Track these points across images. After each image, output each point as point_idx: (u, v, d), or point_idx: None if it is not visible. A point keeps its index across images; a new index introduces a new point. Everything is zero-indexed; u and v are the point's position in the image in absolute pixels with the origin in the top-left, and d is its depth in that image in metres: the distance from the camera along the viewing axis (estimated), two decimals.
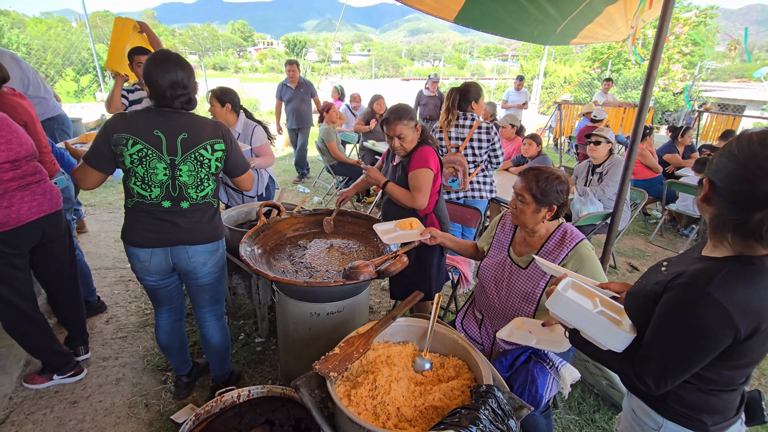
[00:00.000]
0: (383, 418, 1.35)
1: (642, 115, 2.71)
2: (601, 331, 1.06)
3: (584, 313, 1.09)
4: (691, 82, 13.33)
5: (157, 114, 1.66)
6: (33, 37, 13.27)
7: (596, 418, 2.16)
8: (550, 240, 1.71)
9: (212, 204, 1.84)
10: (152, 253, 1.77)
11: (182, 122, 1.68)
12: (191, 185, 1.73)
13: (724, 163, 0.92)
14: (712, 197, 0.95)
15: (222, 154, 1.77)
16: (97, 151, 1.65)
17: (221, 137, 1.76)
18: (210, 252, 1.87)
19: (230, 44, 77.98)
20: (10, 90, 2.31)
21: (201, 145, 1.70)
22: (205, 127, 1.72)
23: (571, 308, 1.11)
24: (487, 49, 71.79)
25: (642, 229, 5.12)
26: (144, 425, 2.03)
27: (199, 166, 1.72)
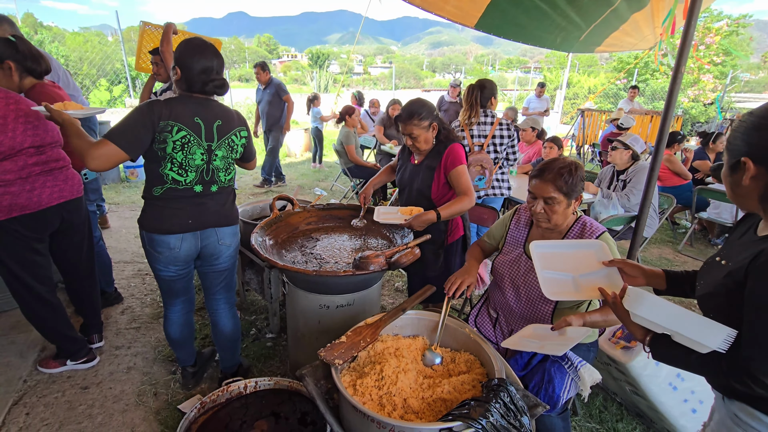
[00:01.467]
0: (389, 409, 1.29)
1: (667, 119, 2.62)
2: (701, 330, 0.93)
3: (678, 311, 0.96)
4: (723, 92, 12.88)
5: (194, 102, 1.70)
6: (71, 49, 13.98)
7: (619, 427, 2.03)
8: (570, 234, 1.63)
9: (233, 187, 1.95)
10: (183, 239, 1.78)
11: (217, 110, 1.77)
12: (222, 169, 1.82)
13: (756, 136, 0.91)
14: (757, 173, 0.91)
15: (245, 140, 1.89)
16: (133, 134, 1.57)
17: (243, 124, 1.89)
18: (234, 234, 1.96)
19: (256, 57, 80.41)
20: (50, 82, 2.40)
21: (233, 132, 1.82)
22: (233, 115, 1.84)
23: (660, 308, 0.99)
24: (509, 62, 71.58)
25: (670, 239, 4.91)
26: (151, 413, 2.02)
27: (230, 151, 1.83)
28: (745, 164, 0.92)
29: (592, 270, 1.30)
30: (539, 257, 1.36)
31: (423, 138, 2.08)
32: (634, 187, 3.47)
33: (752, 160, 0.91)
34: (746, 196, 0.96)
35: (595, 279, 1.28)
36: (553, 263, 1.35)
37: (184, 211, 1.75)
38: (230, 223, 1.92)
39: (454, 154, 2.07)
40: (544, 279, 1.31)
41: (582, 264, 1.33)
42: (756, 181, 0.92)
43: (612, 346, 1.92)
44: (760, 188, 0.93)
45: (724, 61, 15.17)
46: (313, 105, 7.45)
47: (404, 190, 2.29)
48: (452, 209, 2.01)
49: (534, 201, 1.59)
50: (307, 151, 9.01)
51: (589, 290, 1.25)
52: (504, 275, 1.75)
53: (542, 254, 1.37)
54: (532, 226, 1.75)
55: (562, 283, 1.30)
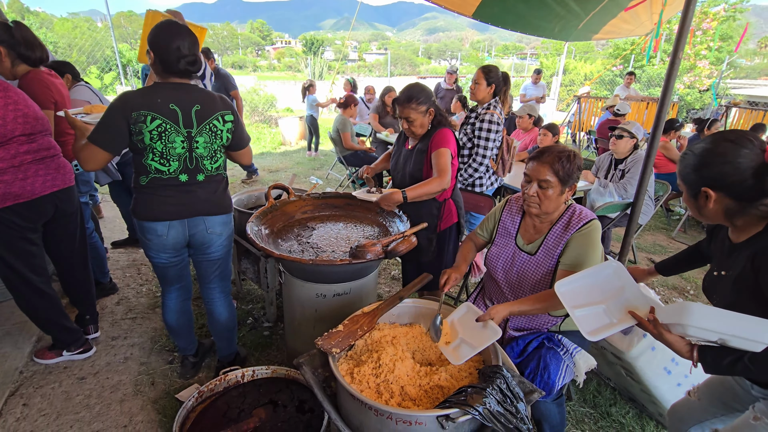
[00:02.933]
0: (386, 396, 1.30)
1: (664, 106, 2.60)
2: (754, 329, 0.96)
3: (727, 314, 1.00)
4: (718, 79, 12.85)
5: (169, 88, 1.65)
6: (60, 35, 13.68)
7: (612, 411, 2.06)
8: (559, 222, 1.61)
9: (223, 176, 1.90)
10: (170, 226, 1.77)
11: (195, 94, 1.70)
12: (206, 157, 1.77)
13: (706, 171, 1.09)
14: (717, 197, 1.09)
15: (231, 125, 1.80)
16: (109, 130, 1.59)
17: (229, 109, 1.79)
18: (224, 223, 1.91)
19: (249, 43, 79.01)
20: (47, 70, 2.35)
21: (214, 116, 1.73)
22: (215, 99, 1.76)
23: (711, 315, 1.01)
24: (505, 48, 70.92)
25: (664, 225, 4.94)
26: (149, 402, 2.03)
27: (213, 137, 1.76)
28: (706, 193, 1.10)
29: (616, 294, 1.28)
30: (565, 296, 1.33)
31: (419, 122, 2.09)
32: (633, 177, 3.45)
33: (711, 189, 1.09)
34: (711, 215, 1.14)
35: (622, 302, 1.26)
36: (580, 299, 1.32)
37: (172, 199, 1.74)
38: (220, 212, 1.87)
39: (440, 137, 2.07)
40: (579, 319, 1.28)
41: (606, 290, 1.31)
42: (718, 203, 1.10)
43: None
44: (722, 208, 1.11)
45: (721, 47, 15.09)
46: (309, 92, 7.36)
47: (397, 174, 2.30)
48: (420, 191, 2.02)
49: (528, 184, 1.57)
50: (302, 139, 8.93)
51: (623, 316, 1.24)
52: (497, 267, 1.75)
53: (567, 292, 1.34)
54: (524, 216, 1.74)
55: (597, 317, 1.28)
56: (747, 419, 1.20)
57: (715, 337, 1.01)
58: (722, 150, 1.07)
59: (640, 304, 1.23)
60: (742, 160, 1.04)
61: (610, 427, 1.98)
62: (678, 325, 1.06)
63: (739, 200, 1.07)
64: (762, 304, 1.04)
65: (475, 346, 1.40)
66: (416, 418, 1.16)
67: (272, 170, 6.69)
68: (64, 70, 2.85)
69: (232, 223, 1.98)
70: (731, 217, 1.12)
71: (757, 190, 1.03)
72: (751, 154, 1.03)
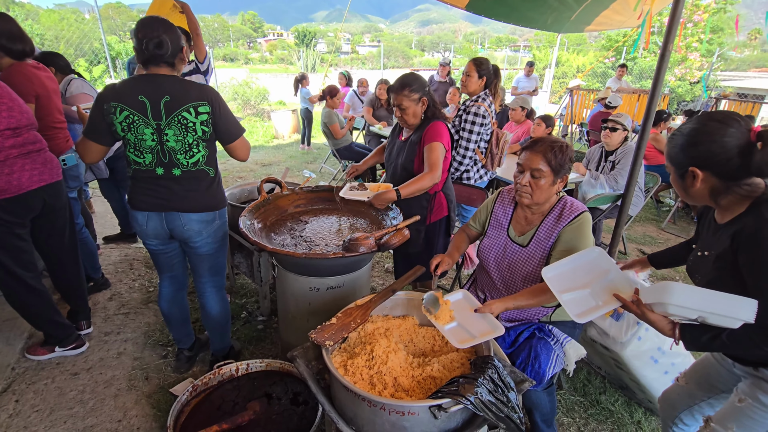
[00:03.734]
0: (380, 388, 1.31)
1: (654, 98, 2.62)
2: (730, 306, 1.00)
3: (705, 293, 1.03)
4: (708, 71, 12.94)
5: (143, 79, 1.63)
6: (46, 27, 13.39)
7: (602, 399, 2.10)
8: (551, 213, 1.62)
9: (207, 172, 1.80)
10: (148, 217, 1.78)
11: (167, 85, 1.64)
12: (179, 151, 1.70)
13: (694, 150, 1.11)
14: (704, 176, 1.11)
15: (207, 117, 1.69)
16: (93, 123, 1.66)
17: (206, 100, 1.68)
18: (205, 222, 1.84)
19: (240, 35, 77.94)
20: (33, 62, 2.31)
21: (183, 108, 1.64)
22: (190, 90, 1.66)
23: (689, 293, 1.04)
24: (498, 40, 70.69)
25: (654, 216, 5.00)
26: (143, 397, 2.03)
27: (185, 130, 1.67)
28: (693, 173, 1.12)
29: (601, 278, 1.33)
30: (553, 281, 1.37)
31: (412, 111, 2.09)
32: (623, 169, 3.48)
33: (699, 168, 1.11)
34: (697, 195, 1.17)
35: (607, 285, 1.30)
36: (567, 284, 1.36)
37: (149, 191, 1.75)
38: (198, 210, 1.80)
39: (434, 130, 2.07)
40: (566, 302, 1.31)
41: (591, 275, 1.35)
42: (705, 183, 1.13)
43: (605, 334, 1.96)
44: (708, 188, 1.13)
45: (711, 39, 15.17)
46: (302, 85, 7.30)
47: (390, 166, 2.31)
48: (413, 187, 2.03)
49: (521, 174, 1.58)
50: (296, 132, 8.88)
51: (608, 299, 1.28)
52: (489, 259, 1.76)
53: (554, 277, 1.38)
54: (516, 208, 1.75)
55: (583, 300, 1.32)
56: (733, 403, 1.24)
57: (694, 315, 1.05)
58: (710, 129, 1.09)
59: (624, 287, 1.27)
60: (728, 139, 1.05)
61: (599, 415, 2.02)
62: (659, 304, 1.09)
63: (725, 180, 1.10)
64: (740, 282, 1.07)
65: (476, 335, 1.42)
66: (409, 408, 1.18)
67: (265, 164, 6.66)
68: (51, 62, 2.80)
69: (217, 221, 1.91)
70: (716, 197, 1.14)
71: (743, 169, 1.06)
72: (738, 134, 1.05)
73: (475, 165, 3.03)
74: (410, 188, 2.03)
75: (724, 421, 1.24)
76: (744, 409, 1.20)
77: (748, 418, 1.19)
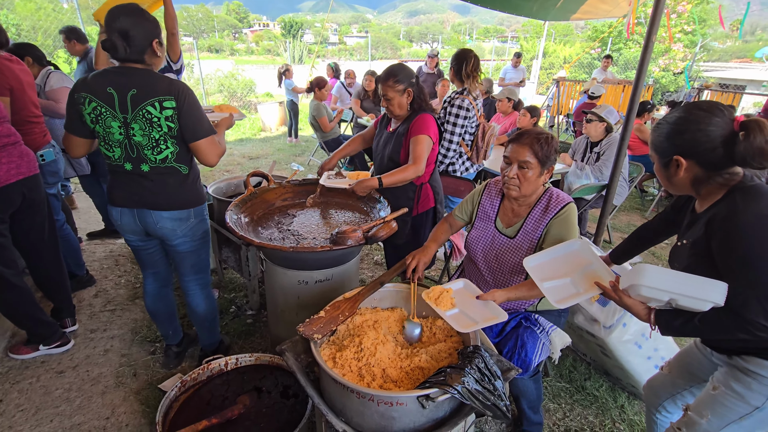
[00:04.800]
0: (368, 379, 1.32)
1: (638, 88, 2.65)
2: (700, 288, 1.03)
3: (677, 275, 1.05)
4: (691, 62, 13.11)
5: (114, 71, 1.59)
6: (22, 17, 12.93)
7: (587, 385, 2.15)
8: (538, 205, 1.64)
9: (177, 169, 1.72)
10: (122, 213, 1.76)
11: (136, 78, 1.58)
12: (146, 146, 1.63)
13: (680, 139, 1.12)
14: (688, 165, 1.13)
15: (172, 113, 1.60)
16: (69, 115, 1.65)
17: (173, 94, 1.59)
18: (178, 220, 1.78)
19: (225, 26, 76.35)
20: (6, 55, 2.24)
21: (148, 102, 1.57)
22: (158, 83, 1.58)
23: (662, 275, 1.07)
24: (486, 30, 70.58)
25: (638, 206, 5.09)
26: (132, 393, 2.02)
27: (149, 125, 1.60)
28: (677, 161, 1.13)
29: (582, 267, 1.36)
30: (534, 270, 1.39)
31: (397, 102, 2.08)
32: (608, 160, 3.52)
33: (683, 157, 1.12)
34: (680, 184, 1.18)
35: (588, 274, 1.34)
36: (548, 272, 1.39)
37: (121, 186, 1.73)
38: (169, 207, 1.74)
39: (421, 122, 2.07)
40: (547, 290, 1.34)
41: (573, 265, 1.39)
42: (688, 172, 1.14)
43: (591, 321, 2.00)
44: (691, 177, 1.15)
45: (695, 30, 15.35)
46: (285, 77, 7.21)
47: (377, 156, 2.30)
48: (395, 177, 2.03)
49: (508, 167, 1.59)
50: (283, 125, 8.78)
51: (588, 286, 1.31)
52: (477, 250, 1.78)
53: (536, 266, 1.40)
54: (503, 199, 1.77)
55: (564, 288, 1.35)
56: (708, 391, 1.27)
57: (666, 297, 1.07)
58: (695, 118, 1.09)
59: (604, 276, 1.30)
60: (713, 128, 1.07)
61: (585, 400, 2.07)
62: (633, 286, 1.12)
63: (708, 169, 1.11)
64: (713, 268, 1.09)
65: (478, 320, 1.44)
66: (397, 399, 1.19)
67: (252, 157, 6.58)
68: (26, 53, 2.71)
69: (193, 219, 1.84)
70: (698, 185, 1.15)
71: (726, 158, 1.07)
72: (722, 123, 1.07)
73: (461, 157, 3.04)
74: (392, 178, 2.03)
75: (699, 409, 1.27)
76: (718, 397, 1.22)
77: (722, 406, 1.21)
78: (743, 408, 1.18)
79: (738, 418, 1.20)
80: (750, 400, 1.17)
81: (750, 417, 1.18)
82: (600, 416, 1.99)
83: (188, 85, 1.70)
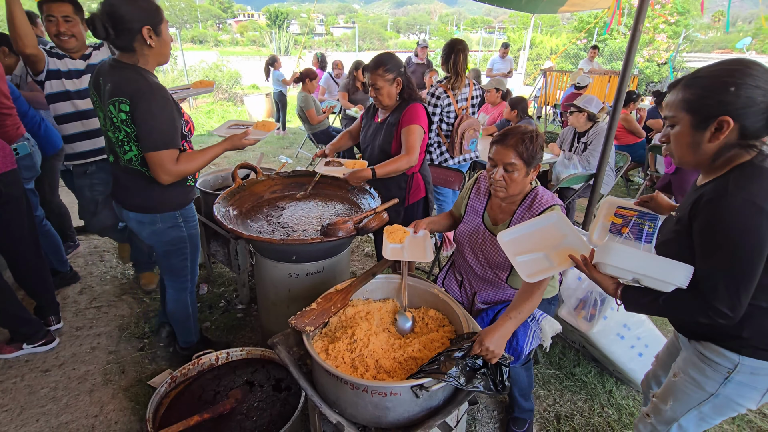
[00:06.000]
0: (362, 370, 1.32)
1: (625, 78, 2.67)
2: (664, 270, 1.01)
3: (642, 255, 1.03)
4: (675, 52, 13.27)
5: (111, 62, 1.56)
6: None
7: (576, 372, 2.19)
8: (523, 204, 1.61)
9: (143, 173, 1.64)
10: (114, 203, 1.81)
11: (117, 72, 1.50)
12: (115, 144, 1.59)
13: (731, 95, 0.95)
14: (732, 131, 0.98)
15: (125, 116, 1.49)
16: None
17: (128, 96, 1.47)
18: (141, 222, 1.74)
19: (209, 16, 74.60)
20: None
21: (110, 101, 1.49)
22: (125, 82, 1.48)
23: (627, 255, 1.05)
24: (473, 21, 70.39)
25: (624, 195, 5.16)
26: (120, 390, 1.99)
27: (112, 124, 1.54)
28: (723, 123, 0.96)
29: (558, 241, 1.35)
30: (508, 245, 1.37)
31: (386, 91, 2.07)
32: (595, 150, 3.55)
33: (733, 118, 0.95)
34: (705, 153, 1.03)
35: (563, 249, 1.32)
36: (522, 247, 1.37)
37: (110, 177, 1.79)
38: (133, 209, 1.71)
39: (412, 112, 2.06)
40: (519, 264, 1.32)
41: (548, 239, 1.37)
42: (727, 138, 0.98)
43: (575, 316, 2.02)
44: (722, 144, 1.00)
45: (678, 20, 15.52)
46: (273, 68, 7.10)
47: (367, 148, 2.28)
48: (388, 168, 2.02)
49: (494, 169, 1.55)
50: (270, 117, 8.66)
51: (562, 260, 1.29)
52: (464, 243, 1.77)
53: (510, 241, 1.39)
54: (490, 196, 1.75)
55: (537, 262, 1.33)
56: (669, 378, 1.28)
57: (630, 276, 1.06)
58: (752, 72, 0.94)
59: (580, 249, 1.28)
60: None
61: (574, 386, 2.11)
62: (600, 264, 1.10)
63: (745, 136, 0.98)
64: (688, 246, 1.06)
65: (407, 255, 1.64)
66: (391, 389, 1.19)
67: (239, 149, 6.48)
68: (2, 42, 2.61)
69: (160, 225, 1.75)
70: (718, 156, 1.03)
71: (763, 128, 0.97)
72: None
73: (439, 147, 3.03)
74: (386, 168, 2.02)
75: (663, 397, 1.28)
76: (678, 384, 1.23)
77: (682, 393, 1.22)
78: (700, 394, 1.19)
79: (697, 404, 1.20)
80: (705, 387, 1.17)
81: (707, 403, 1.18)
82: (589, 401, 2.03)
83: (171, 77, 1.64)
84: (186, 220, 1.82)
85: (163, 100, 1.51)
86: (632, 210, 1.36)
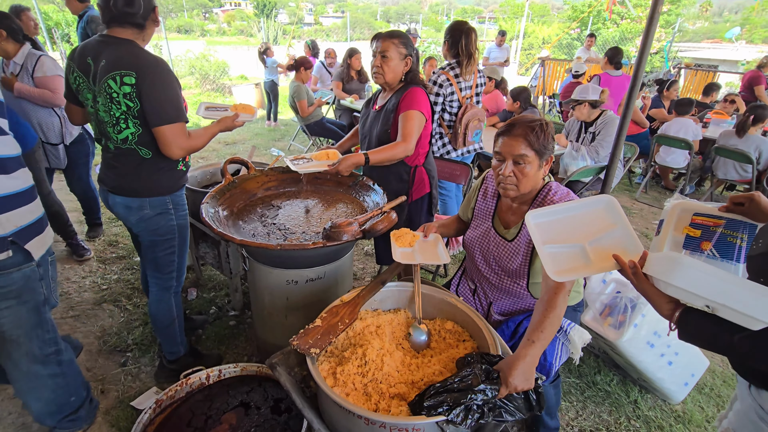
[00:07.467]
0: (375, 398, 1.14)
1: (640, 68, 2.51)
2: (756, 301, 0.74)
3: (723, 277, 0.77)
4: (670, 41, 13.20)
5: (99, 39, 1.51)
6: None
7: (597, 380, 2.04)
8: (535, 202, 1.44)
9: (137, 152, 1.58)
10: (100, 189, 1.73)
11: (111, 48, 1.47)
12: (108, 123, 1.53)
13: None
14: None
15: (130, 89, 1.45)
16: (65, 82, 1.63)
17: (134, 69, 1.44)
18: (129, 208, 1.66)
19: (195, 5, 72.91)
20: None
21: (110, 75, 1.44)
22: (127, 56, 1.46)
23: (700, 275, 0.79)
24: (464, 11, 69.82)
25: (627, 187, 5.04)
26: (100, 414, 1.78)
27: (110, 101, 1.48)
28: None
29: (601, 234, 1.08)
30: (537, 229, 1.11)
31: (393, 64, 1.90)
32: (603, 140, 3.41)
33: None
34: None
35: (607, 244, 1.06)
36: (555, 234, 1.11)
37: (102, 163, 1.71)
38: (122, 193, 1.63)
39: (412, 97, 1.89)
40: (547, 256, 1.06)
41: (589, 228, 1.10)
42: None
43: (600, 322, 1.86)
44: None
45: (670, 10, 15.46)
46: (267, 56, 6.82)
47: (365, 138, 2.11)
48: (383, 154, 1.84)
49: (502, 164, 1.36)
50: (261, 108, 8.37)
51: (602, 260, 1.03)
52: (475, 250, 1.60)
53: (540, 225, 1.12)
54: (499, 198, 1.56)
55: (570, 257, 1.06)
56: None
57: (700, 303, 0.82)
58: None
59: (629, 248, 1.01)
60: None
61: (596, 397, 1.96)
62: (660, 282, 0.87)
63: None
64: None
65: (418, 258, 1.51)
66: (413, 425, 1.02)
67: (228, 143, 6.21)
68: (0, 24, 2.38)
69: (148, 210, 1.66)
70: None
71: None
72: None
73: (441, 138, 2.85)
74: (380, 155, 1.83)
75: None
76: None
77: None
78: None
79: None
80: None
81: None
82: (614, 413, 1.89)
83: None
84: (176, 206, 1.75)
85: (170, 74, 1.52)
86: (716, 218, 1.00)
